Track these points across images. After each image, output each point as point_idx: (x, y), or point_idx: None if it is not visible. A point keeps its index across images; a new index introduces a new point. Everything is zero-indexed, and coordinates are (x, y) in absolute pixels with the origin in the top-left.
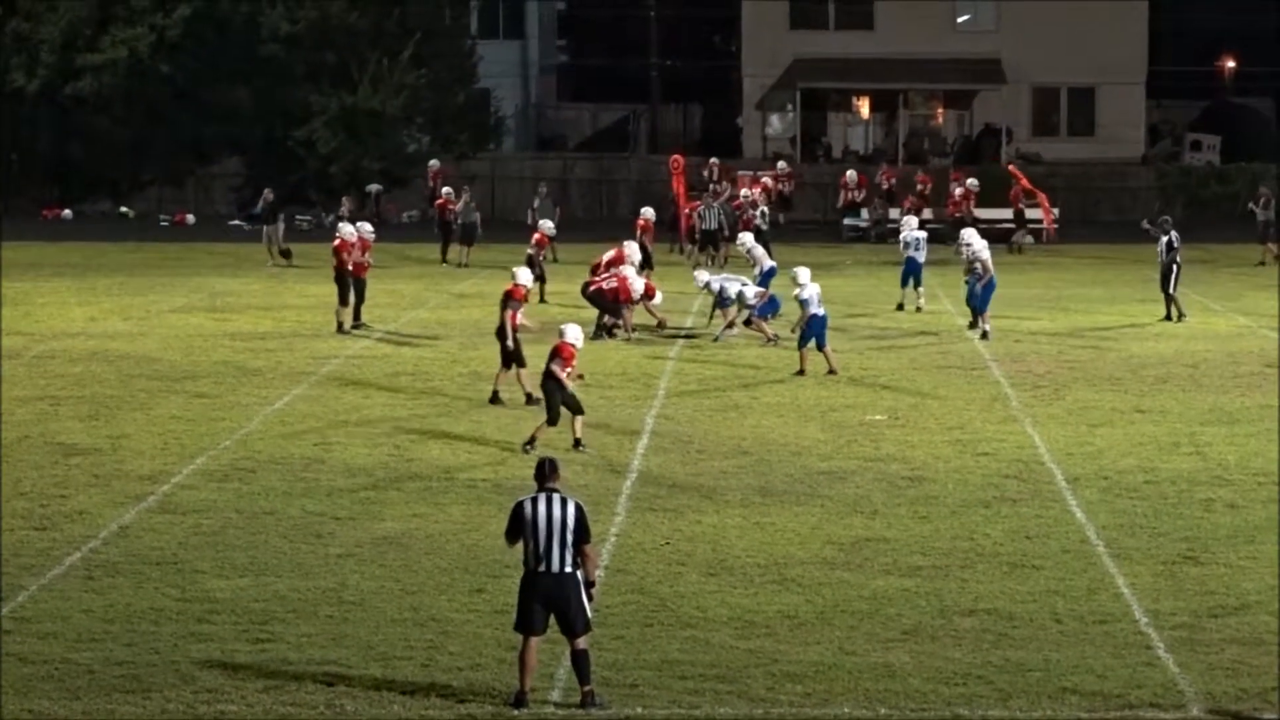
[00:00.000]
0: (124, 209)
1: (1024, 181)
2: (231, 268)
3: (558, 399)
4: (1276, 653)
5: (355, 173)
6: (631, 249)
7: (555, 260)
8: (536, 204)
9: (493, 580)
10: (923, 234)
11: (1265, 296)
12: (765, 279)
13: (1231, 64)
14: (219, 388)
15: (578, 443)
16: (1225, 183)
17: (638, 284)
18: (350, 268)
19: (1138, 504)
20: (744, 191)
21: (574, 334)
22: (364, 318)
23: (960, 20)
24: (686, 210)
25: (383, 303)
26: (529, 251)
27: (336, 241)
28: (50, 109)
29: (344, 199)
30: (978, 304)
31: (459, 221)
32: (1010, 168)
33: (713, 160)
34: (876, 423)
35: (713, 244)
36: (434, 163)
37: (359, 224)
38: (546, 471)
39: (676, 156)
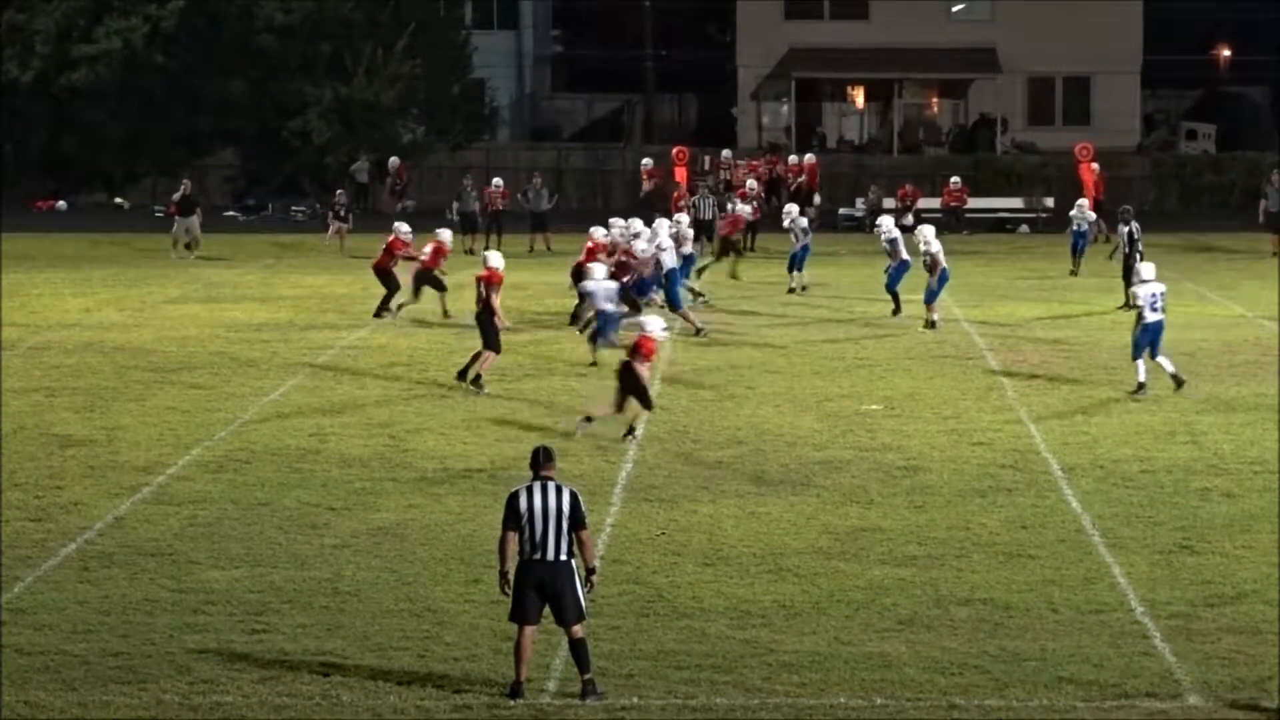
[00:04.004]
0: (118, 200)
1: (1087, 185)
2: (226, 259)
3: (631, 390)
4: (1275, 641)
5: (350, 164)
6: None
7: (549, 250)
8: (531, 194)
9: (489, 571)
10: (804, 220)
11: (1261, 285)
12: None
13: (1226, 53)
14: (214, 379)
15: (631, 430)
16: (1220, 172)
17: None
18: (392, 265)
19: (1133, 493)
20: (750, 183)
21: (655, 326)
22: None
23: (955, 10)
24: (679, 201)
25: (377, 293)
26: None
27: (391, 239)
28: (44, 100)
29: (339, 192)
30: (925, 296)
31: (466, 210)
32: (1090, 164)
33: (725, 153)
34: (872, 413)
35: (706, 234)
36: (394, 160)
37: (396, 225)
38: (541, 460)
39: (681, 148)
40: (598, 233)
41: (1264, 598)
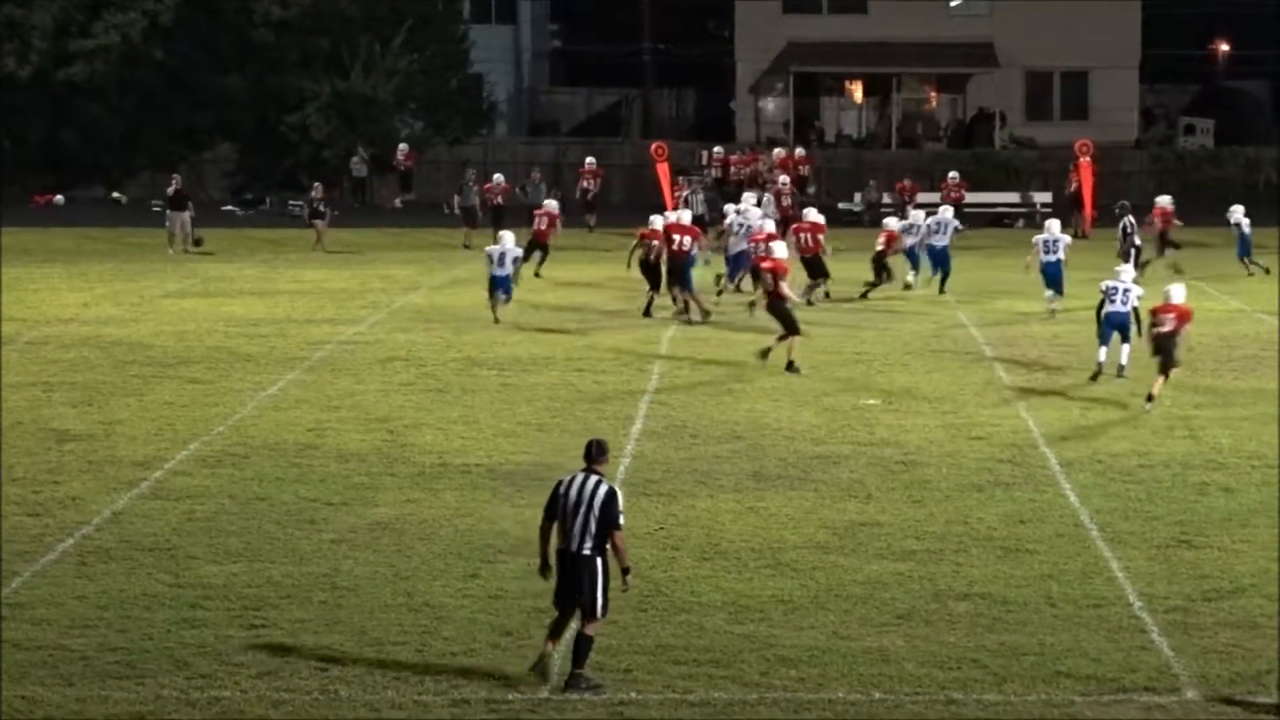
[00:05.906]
0: (116, 195)
1: (1086, 182)
2: (225, 253)
3: (1174, 356)
4: (1275, 636)
5: (348, 158)
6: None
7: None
8: (530, 188)
9: (486, 565)
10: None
11: (1259, 281)
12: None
13: (1225, 47)
14: (212, 373)
15: (1150, 397)
16: (1219, 166)
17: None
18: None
19: (1132, 488)
20: (782, 179)
21: (1178, 294)
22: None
23: (953, 4)
24: (675, 195)
25: (375, 288)
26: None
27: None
28: (43, 95)
29: (316, 185)
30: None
31: (467, 204)
32: (1084, 163)
33: (716, 149)
34: (870, 407)
35: (700, 228)
36: (403, 146)
37: (547, 202)
38: (592, 453)
39: (660, 144)
40: (657, 221)
41: (1262, 592)
